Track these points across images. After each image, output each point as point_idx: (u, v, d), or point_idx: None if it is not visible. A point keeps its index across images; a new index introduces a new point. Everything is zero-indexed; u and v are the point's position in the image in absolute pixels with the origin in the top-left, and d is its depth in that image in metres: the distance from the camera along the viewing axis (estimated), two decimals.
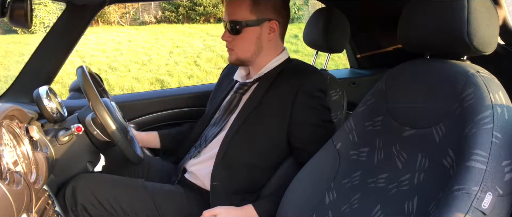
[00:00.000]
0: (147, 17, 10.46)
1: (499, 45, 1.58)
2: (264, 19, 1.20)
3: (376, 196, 0.96)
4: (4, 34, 8.65)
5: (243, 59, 1.27)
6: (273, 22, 1.22)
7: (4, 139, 0.86)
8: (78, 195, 1.16)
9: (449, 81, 0.90)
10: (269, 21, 1.22)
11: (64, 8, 1.55)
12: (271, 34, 1.22)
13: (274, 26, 1.22)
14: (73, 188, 1.17)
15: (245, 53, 1.25)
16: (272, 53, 1.30)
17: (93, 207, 1.17)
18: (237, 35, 1.22)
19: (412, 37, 0.99)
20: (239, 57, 1.27)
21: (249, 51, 1.24)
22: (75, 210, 1.16)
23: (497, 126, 0.78)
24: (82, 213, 1.17)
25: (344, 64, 5.20)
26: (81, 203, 1.16)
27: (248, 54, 1.25)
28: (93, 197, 1.17)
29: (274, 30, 1.22)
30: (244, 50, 1.24)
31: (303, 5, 10.29)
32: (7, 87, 1.59)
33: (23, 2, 0.96)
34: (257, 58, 1.28)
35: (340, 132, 1.11)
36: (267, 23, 1.21)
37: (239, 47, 1.24)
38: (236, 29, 1.20)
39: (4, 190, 0.73)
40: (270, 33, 1.22)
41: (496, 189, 0.74)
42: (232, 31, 1.22)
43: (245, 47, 1.23)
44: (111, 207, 1.18)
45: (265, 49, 1.27)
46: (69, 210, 1.16)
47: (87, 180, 1.20)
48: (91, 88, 1.17)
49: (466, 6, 0.87)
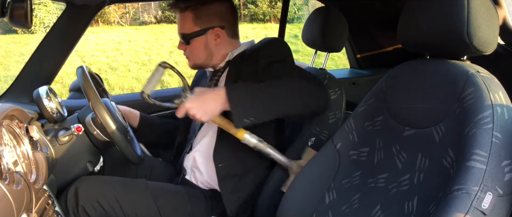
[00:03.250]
0: (147, 17, 10.46)
1: (499, 45, 1.58)
2: (207, 28, 1.29)
3: (376, 196, 0.96)
4: (4, 34, 8.65)
5: (199, 64, 1.37)
6: (216, 29, 1.30)
7: (4, 139, 0.86)
8: (80, 197, 1.17)
9: (449, 81, 0.90)
10: (213, 29, 1.30)
11: (64, 8, 1.55)
12: (217, 39, 1.31)
13: (218, 32, 1.30)
14: (76, 189, 1.18)
15: (198, 60, 1.35)
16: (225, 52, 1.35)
17: (93, 209, 1.17)
18: (188, 45, 1.33)
19: (412, 37, 0.99)
20: (195, 63, 1.37)
21: (200, 57, 1.33)
22: (76, 212, 1.17)
23: (497, 126, 0.78)
24: (83, 215, 1.17)
25: (344, 64, 5.20)
26: (81, 204, 1.16)
27: (201, 60, 1.34)
28: (94, 199, 1.17)
29: (218, 36, 1.30)
30: (197, 57, 1.34)
31: (303, 5, 10.29)
32: (7, 87, 1.59)
33: (23, 2, 0.96)
34: (212, 61, 1.36)
35: (340, 132, 1.11)
36: (211, 31, 1.30)
37: (192, 55, 1.34)
38: (186, 40, 1.31)
39: (4, 190, 0.73)
40: (216, 39, 1.31)
41: (496, 189, 0.74)
42: (183, 42, 1.33)
43: (196, 55, 1.33)
44: (111, 208, 1.18)
45: (216, 52, 1.34)
46: (71, 212, 1.16)
47: (89, 182, 1.21)
48: (91, 88, 1.17)
49: (466, 6, 0.87)
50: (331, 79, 1.40)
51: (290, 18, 9.57)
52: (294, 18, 9.80)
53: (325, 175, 1.08)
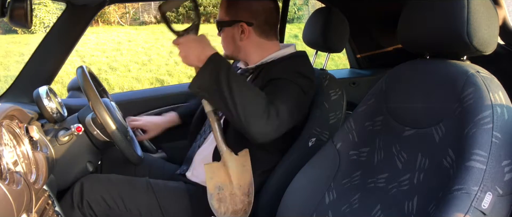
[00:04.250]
0: (147, 17, 10.46)
1: (499, 45, 1.58)
2: (235, 21, 1.26)
3: (376, 196, 0.96)
4: (4, 34, 8.65)
5: (228, 55, 1.34)
6: (243, 25, 1.25)
7: (4, 139, 0.86)
8: (85, 192, 1.20)
9: (449, 81, 0.90)
10: (240, 23, 1.26)
11: (64, 8, 1.55)
12: (243, 35, 1.26)
13: (245, 28, 1.26)
14: (81, 185, 1.21)
15: (226, 50, 1.33)
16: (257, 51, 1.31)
17: (97, 204, 1.20)
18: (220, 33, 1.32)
19: (412, 37, 0.99)
20: (225, 53, 1.35)
21: (228, 49, 1.31)
22: (81, 207, 1.20)
23: (497, 126, 0.78)
24: (88, 210, 1.20)
25: (344, 64, 5.20)
26: (86, 199, 1.19)
27: (229, 51, 1.32)
28: (98, 195, 1.21)
29: (244, 32, 1.26)
30: (225, 47, 1.32)
31: (303, 5, 10.29)
32: (7, 87, 1.59)
33: (23, 2, 0.96)
34: (242, 56, 1.33)
35: (340, 132, 1.11)
36: (238, 24, 1.26)
37: (223, 45, 1.33)
38: (219, 28, 1.30)
39: (4, 190, 0.73)
40: (242, 34, 1.26)
41: (496, 189, 0.74)
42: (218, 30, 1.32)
43: (225, 45, 1.31)
44: (115, 204, 1.21)
45: (244, 48, 1.30)
46: (76, 206, 1.19)
47: (94, 179, 1.25)
48: (91, 88, 1.17)
49: (466, 6, 0.87)
50: (332, 80, 1.40)
51: (290, 18, 9.58)
52: (294, 18, 9.80)
53: (325, 175, 1.08)
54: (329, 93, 1.37)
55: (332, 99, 1.36)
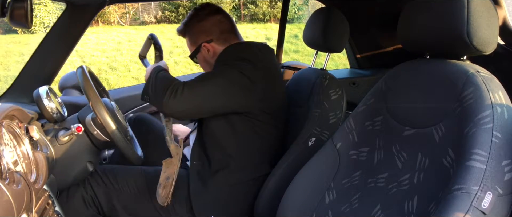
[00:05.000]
0: (147, 17, 10.45)
1: (499, 45, 1.58)
2: (198, 46, 1.43)
3: (376, 196, 0.96)
4: (4, 34, 8.64)
5: None
6: (204, 45, 1.41)
7: (4, 139, 0.86)
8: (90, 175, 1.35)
9: (449, 81, 0.90)
10: (202, 45, 1.42)
11: (64, 8, 1.55)
12: (210, 52, 1.42)
13: (208, 46, 1.41)
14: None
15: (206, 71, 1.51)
16: None
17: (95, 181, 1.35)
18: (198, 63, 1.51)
19: (412, 37, 0.99)
20: None
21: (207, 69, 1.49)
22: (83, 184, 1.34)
23: (497, 126, 0.78)
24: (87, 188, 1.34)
25: (344, 64, 5.20)
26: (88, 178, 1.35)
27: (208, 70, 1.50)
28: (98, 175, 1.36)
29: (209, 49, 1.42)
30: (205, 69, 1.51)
31: (303, 5, 10.29)
32: (7, 87, 1.60)
33: (23, 2, 0.96)
34: None
35: (340, 132, 1.11)
36: (201, 47, 1.43)
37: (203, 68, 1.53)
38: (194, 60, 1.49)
39: (4, 190, 0.73)
40: (209, 52, 1.42)
41: (496, 189, 0.74)
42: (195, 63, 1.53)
43: (204, 67, 1.51)
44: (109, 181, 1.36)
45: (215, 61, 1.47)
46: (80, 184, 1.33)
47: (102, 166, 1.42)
48: (91, 88, 1.17)
49: (466, 6, 0.87)
50: (331, 80, 1.40)
51: (290, 18, 9.57)
52: (294, 18, 9.79)
53: (325, 175, 1.08)
54: (329, 93, 1.37)
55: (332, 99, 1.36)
